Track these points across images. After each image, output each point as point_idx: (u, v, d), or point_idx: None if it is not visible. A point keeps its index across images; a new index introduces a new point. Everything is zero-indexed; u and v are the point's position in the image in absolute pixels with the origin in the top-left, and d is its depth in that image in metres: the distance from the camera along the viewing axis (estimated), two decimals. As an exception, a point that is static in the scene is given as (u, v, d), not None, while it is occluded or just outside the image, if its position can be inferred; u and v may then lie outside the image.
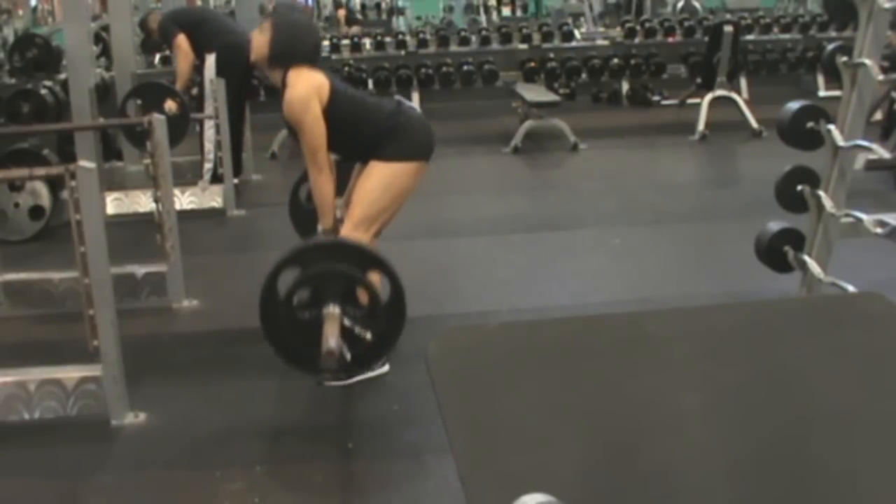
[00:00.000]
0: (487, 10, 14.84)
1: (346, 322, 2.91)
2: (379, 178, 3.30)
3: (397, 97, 3.54)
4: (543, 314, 3.76)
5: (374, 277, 3.06)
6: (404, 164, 3.30)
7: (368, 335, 2.90)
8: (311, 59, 3.35)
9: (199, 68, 6.23)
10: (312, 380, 3.36)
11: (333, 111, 3.26)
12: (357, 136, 3.33)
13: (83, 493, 2.79)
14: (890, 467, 1.23)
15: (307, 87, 3.25)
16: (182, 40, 6.18)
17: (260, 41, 3.34)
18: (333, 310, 2.89)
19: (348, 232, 3.28)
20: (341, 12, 14.17)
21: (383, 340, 2.96)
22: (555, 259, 4.80)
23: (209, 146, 6.06)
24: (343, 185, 3.59)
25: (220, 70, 6.01)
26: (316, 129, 3.24)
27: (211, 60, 6.11)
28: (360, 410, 3.29)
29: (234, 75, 6.11)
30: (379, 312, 2.91)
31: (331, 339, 2.80)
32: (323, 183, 3.30)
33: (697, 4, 12.67)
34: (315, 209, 3.52)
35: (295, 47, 3.31)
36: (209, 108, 5.97)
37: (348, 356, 2.91)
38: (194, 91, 6.38)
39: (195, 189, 5.96)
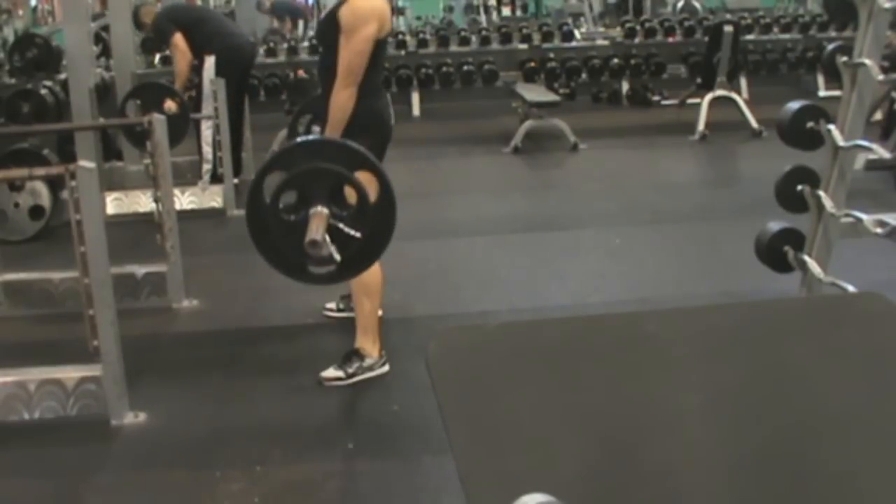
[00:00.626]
0: (487, 10, 14.82)
1: (334, 221, 2.82)
2: None
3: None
4: (543, 314, 3.76)
5: (363, 176, 3.00)
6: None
7: (358, 234, 2.82)
8: None
9: (197, 68, 6.21)
10: (312, 379, 3.37)
11: (377, 52, 3.21)
12: (361, 97, 3.27)
13: (83, 493, 2.79)
14: (890, 467, 1.23)
15: (375, 6, 3.18)
16: (179, 39, 6.14)
17: None
18: (320, 209, 2.81)
19: None
20: None
21: (373, 241, 2.85)
22: (555, 259, 4.80)
23: (206, 147, 6.07)
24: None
25: (220, 71, 6.02)
26: (366, 45, 3.16)
27: (211, 62, 6.11)
28: (360, 410, 3.29)
29: (234, 76, 6.13)
30: (368, 211, 2.82)
31: (315, 231, 2.72)
32: (347, 99, 3.21)
33: (697, 4, 12.66)
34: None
35: None
36: (207, 109, 5.98)
37: (338, 257, 2.81)
38: (192, 93, 6.36)
39: (195, 189, 5.96)
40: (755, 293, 3.93)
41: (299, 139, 2.88)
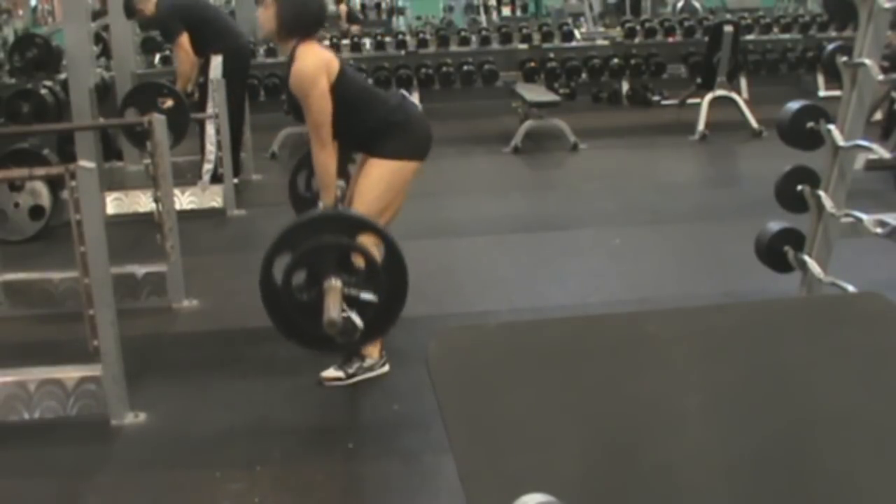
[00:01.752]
0: (487, 10, 14.82)
1: (348, 290, 2.86)
2: (379, 176, 3.30)
3: (402, 91, 3.54)
4: (543, 314, 3.75)
5: (366, 240, 3.01)
6: (404, 162, 3.30)
7: (373, 297, 2.86)
8: (318, 23, 3.36)
9: (202, 67, 6.19)
10: (312, 379, 3.37)
11: (340, 92, 3.25)
12: (359, 123, 3.31)
13: (83, 493, 2.79)
14: (890, 467, 1.23)
15: (316, 61, 3.23)
16: (185, 41, 6.08)
17: (266, 16, 3.33)
18: (333, 282, 2.84)
19: None
20: (343, 7, 14.14)
21: (391, 299, 2.90)
22: (555, 259, 4.80)
23: (210, 147, 6.06)
24: (342, 167, 3.57)
25: (227, 71, 6.03)
26: (322, 103, 3.22)
27: (217, 61, 6.09)
28: (360, 410, 3.29)
29: (240, 77, 6.20)
30: (378, 272, 2.86)
31: (331, 309, 2.76)
32: (326, 158, 3.27)
33: (698, 4, 12.67)
34: (314, 196, 3.48)
35: (303, 14, 3.29)
36: (211, 108, 5.98)
37: (360, 323, 2.85)
38: (195, 95, 6.33)
39: (195, 189, 5.96)
40: (755, 293, 3.93)
41: (297, 219, 2.94)
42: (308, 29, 3.30)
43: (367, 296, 2.86)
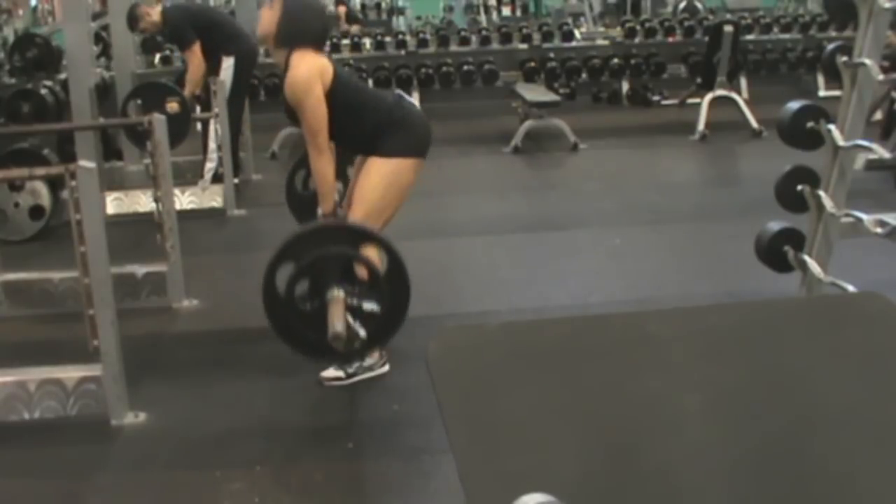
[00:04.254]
0: (487, 10, 14.82)
1: (352, 301, 2.86)
2: (380, 176, 3.29)
3: (398, 91, 3.54)
4: (543, 314, 3.76)
5: (368, 251, 3.02)
6: (404, 160, 3.30)
7: (377, 307, 2.86)
8: (318, 41, 3.34)
9: (211, 69, 6.21)
10: (312, 379, 3.37)
11: (335, 97, 3.25)
12: (357, 126, 3.32)
13: (83, 493, 2.79)
14: (890, 467, 1.23)
15: (310, 68, 3.22)
16: (198, 49, 6.11)
17: (268, 17, 3.31)
18: (336, 293, 2.85)
19: None
20: (342, 9, 14.15)
21: (394, 309, 2.90)
22: (555, 259, 4.80)
23: (213, 146, 6.08)
24: (340, 169, 3.57)
25: (238, 73, 6.07)
26: (318, 111, 3.21)
27: (229, 63, 6.12)
28: (360, 410, 3.29)
29: (246, 79, 6.30)
30: (381, 282, 2.86)
31: (336, 322, 2.76)
32: (323, 165, 3.27)
33: (699, 4, 12.67)
34: (312, 195, 3.47)
35: (303, 28, 3.29)
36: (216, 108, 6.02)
37: (363, 333, 2.86)
38: (199, 92, 6.34)
39: (195, 189, 5.96)
40: (755, 293, 3.93)
41: (298, 230, 2.94)
42: (305, 43, 3.28)
43: (370, 306, 2.87)
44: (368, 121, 3.30)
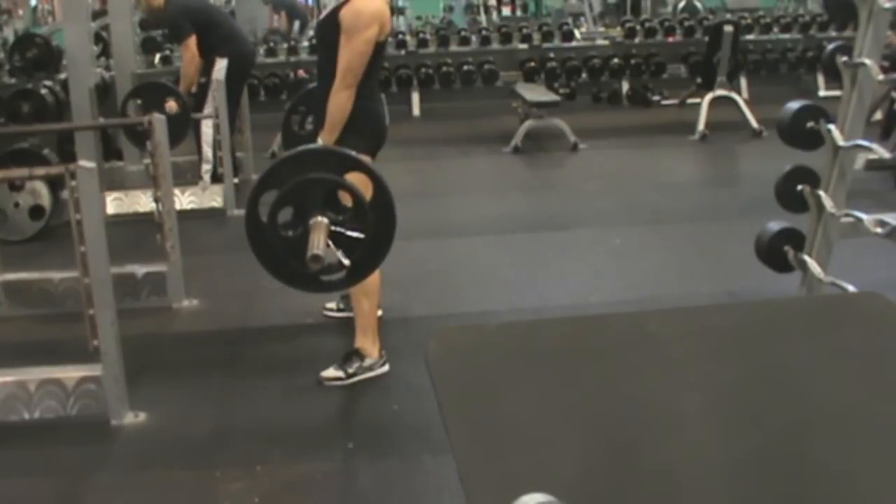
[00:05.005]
0: (487, 9, 14.82)
1: (335, 227, 2.82)
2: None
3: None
4: (543, 314, 3.76)
5: (354, 178, 2.94)
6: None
7: (361, 235, 2.82)
8: None
9: (205, 69, 6.22)
10: (312, 379, 3.37)
11: (375, 54, 3.24)
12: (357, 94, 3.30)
13: (83, 493, 2.79)
14: (890, 467, 1.23)
15: (378, 9, 3.21)
16: (193, 43, 6.13)
17: None
18: (319, 219, 2.80)
19: None
20: None
21: (378, 239, 2.85)
22: (555, 259, 4.80)
23: (207, 147, 6.10)
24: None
25: (231, 74, 6.07)
26: (366, 47, 3.20)
27: (222, 64, 6.13)
28: (360, 410, 3.29)
29: (240, 81, 6.29)
30: (366, 211, 2.82)
31: (315, 245, 2.71)
32: (345, 100, 3.24)
33: (699, 4, 12.67)
34: (309, 135, 3.41)
35: None
36: (209, 109, 6.00)
37: (346, 261, 2.82)
38: (193, 89, 6.36)
39: (195, 189, 5.96)
40: (755, 293, 3.93)
41: (283, 155, 2.87)
42: None
43: (354, 233, 2.81)
44: (360, 104, 3.29)
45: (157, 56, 9.28)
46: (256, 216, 2.82)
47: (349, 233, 2.78)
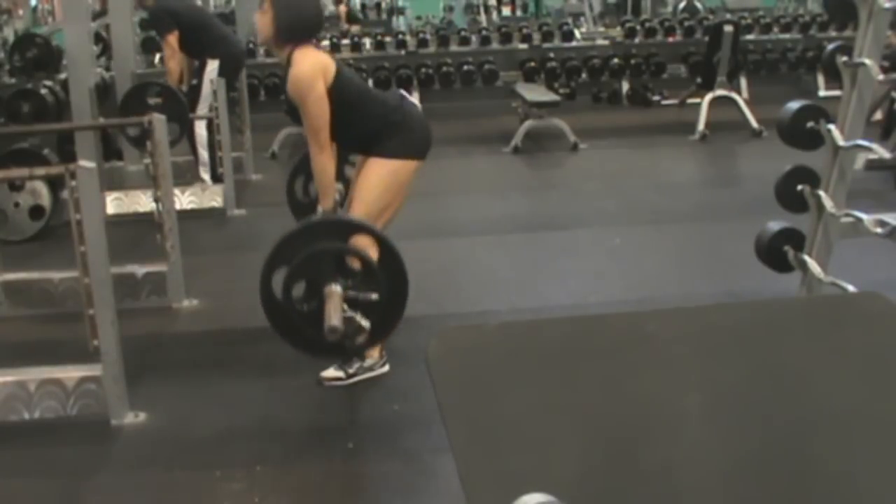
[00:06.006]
0: (487, 10, 14.83)
1: (349, 293, 2.86)
2: (379, 176, 3.29)
3: (401, 91, 3.53)
4: (543, 314, 3.76)
5: (359, 241, 3.02)
6: (403, 161, 3.30)
7: (376, 296, 2.86)
8: (315, 30, 3.36)
9: (197, 71, 6.25)
10: (312, 379, 3.37)
11: (337, 94, 3.25)
12: (358, 126, 3.31)
13: (83, 493, 2.79)
14: (890, 467, 1.23)
15: (313, 65, 3.23)
16: (173, 39, 6.15)
17: (263, 21, 3.33)
18: (332, 288, 2.84)
19: None
20: (342, 8, 14.16)
21: (394, 296, 2.90)
22: (555, 259, 4.80)
23: (202, 150, 6.14)
24: (339, 170, 3.57)
25: (222, 76, 6.09)
26: (319, 107, 3.22)
27: (214, 65, 6.16)
28: (360, 410, 3.29)
29: (231, 84, 6.33)
30: (375, 271, 2.86)
31: (332, 316, 2.75)
32: (324, 162, 3.27)
33: (698, 4, 12.67)
34: (313, 202, 3.46)
35: (298, 18, 3.29)
36: (202, 109, 6.05)
37: (366, 323, 2.85)
38: (184, 87, 6.36)
39: (195, 189, 5.96)
40: (755, 293, 3.93)
41: (286, 232, 2.94)
42: (304, 34, 3.30)
43: (369, 295, 2.86)
44: (369, 119, 3.30)
45: (157, 56, 9.27)
46: (271, 294, 2.88)
47: (363, 295, 2.83)
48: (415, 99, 3.95)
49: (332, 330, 2.72)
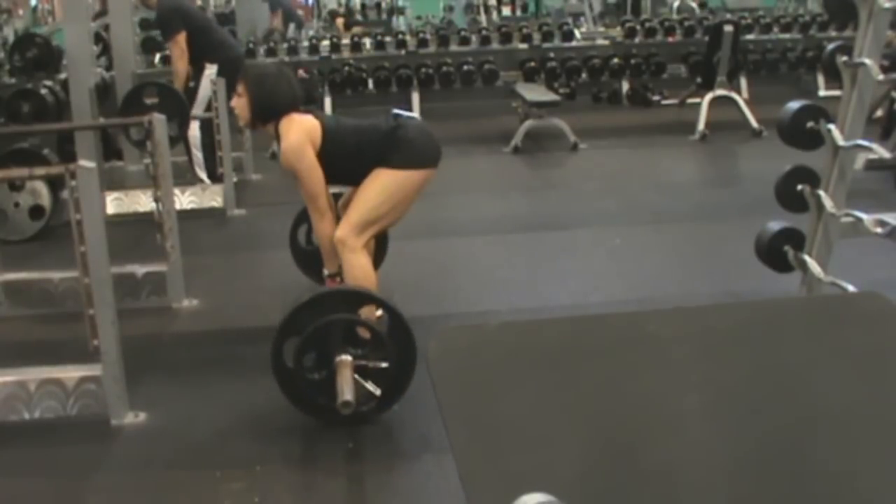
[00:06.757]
0: (487, 9, 14.83)
1: (360, 362, 2.94)
2: (382, 185, 3.32)
3: (395, 111, 3.54)
4: (543, 314, 3.75)
5: (366, 310, 3.10)
6: (410, 171, 3.32)
7: (385, 364, 2.94)
8: (293, 103, 3.40)
9: (195, 74, 6.25)
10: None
11: (330, 149, 3.33)
12: (360, 162, 3.37)
13: (83, 493, 2.79)
14: (890, 467, 1.23)
15: (299, 134, 3.30)
16: (182, 39, 6.16)
17: (240, 105, 3.41)
18: (342, 358, 2.93)
19: (343, 233, 3.31)
20: (339, 20, 14.20)
21: (402, 362, 2.98)
22: (555, 259, 4.80)
23: (196, 151, 6.16)
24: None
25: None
26: (313, 175, 3.30)
27: (213, 70, 6.17)
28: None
29: (228, 88, 6.30)
30: (383, 340, 2.94)
31: (344, 389, 2.82)
32: (325, 228, 3.38)
33: (694, 4, 12.67)
34: (316, 249, 3.56)
35: (274, 98, 3.36)
36: (199, 110, 6.06)
37: (377, 391, 2.94)
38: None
39: (195, 189, 5.96)
40: (755, 293, 3.93)
41: (297, 302, 2.99)
42: (282, 110, 3.36)
43: (378, 364, 2.93)
44: (370, 153, 3.36)
45: (157, 56, 9.28)
46: (282, 363, 2.94)
47: (373, 364, 2.89)
48: (414, 99, 3.97)
49: (346, 405, 2.79)
